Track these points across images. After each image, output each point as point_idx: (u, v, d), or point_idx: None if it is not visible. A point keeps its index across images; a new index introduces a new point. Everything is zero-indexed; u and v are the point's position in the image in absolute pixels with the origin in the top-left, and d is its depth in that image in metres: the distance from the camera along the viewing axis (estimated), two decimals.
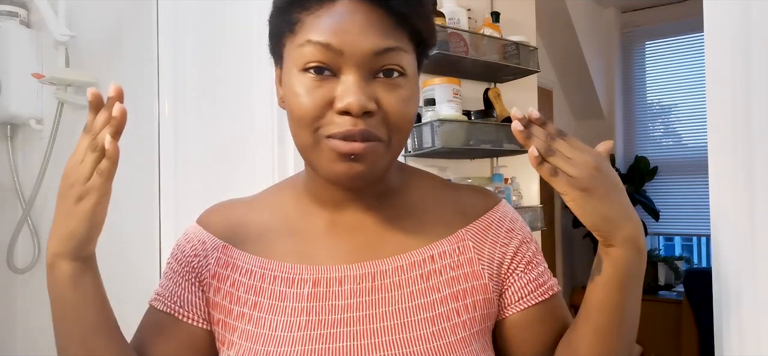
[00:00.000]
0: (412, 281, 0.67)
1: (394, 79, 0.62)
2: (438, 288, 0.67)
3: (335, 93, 0.60)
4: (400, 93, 0.62)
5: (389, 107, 0.62)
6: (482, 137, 1.64)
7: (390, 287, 0.67)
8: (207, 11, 1.60)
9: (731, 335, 0.90)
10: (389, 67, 0.62)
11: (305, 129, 0.62)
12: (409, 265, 0.68)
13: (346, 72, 0.60)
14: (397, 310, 0.66)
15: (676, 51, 4.15)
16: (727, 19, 0.89)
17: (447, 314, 0.66)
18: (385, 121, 0.62)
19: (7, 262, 2.03)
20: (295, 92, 0.62)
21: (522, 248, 0.73)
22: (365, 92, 0.60)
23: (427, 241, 0.70)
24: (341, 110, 0.60)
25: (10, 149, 2.07)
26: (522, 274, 0.72)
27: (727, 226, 0.90)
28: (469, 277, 0.69)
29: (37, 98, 2.03)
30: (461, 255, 0.70)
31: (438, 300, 0.67)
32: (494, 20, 1.80)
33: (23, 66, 1.99)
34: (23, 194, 2.04)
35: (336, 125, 0.60)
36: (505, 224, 0.74)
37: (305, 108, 0.61)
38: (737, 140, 0.89)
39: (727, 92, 0.89)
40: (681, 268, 3.89)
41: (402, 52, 0.62)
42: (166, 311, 0.73)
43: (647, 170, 3.98)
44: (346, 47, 0.60)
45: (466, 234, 0.71)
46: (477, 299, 0.69)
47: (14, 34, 2.01)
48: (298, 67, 0.62)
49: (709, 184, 0.92)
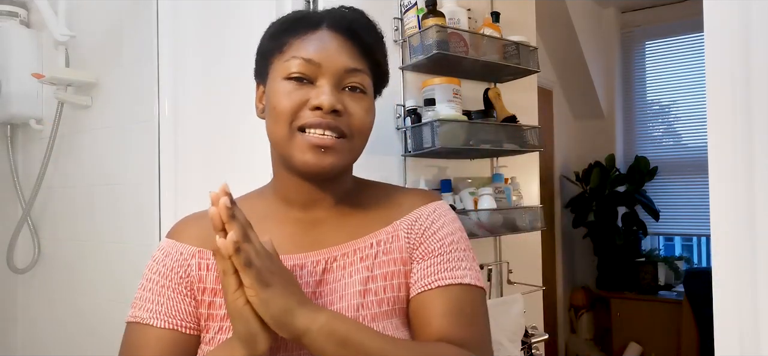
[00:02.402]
0: (353, 263, 0.81)
1: (357, 93, 0.80)
2: (372, 269, 0.81)
3: (310, 96, 0.77)
4: (362, 104, 0.80)
5: (353, 111, 0.79)
6: (482, 137, 1.64)
7: (336, 269, 0.81)
8: (207, 11, 1.60)
9: (731, 335, 0.90)
10: (354, 84, 0.79)
11: (283, 123, 0.77)
12: (352, 251, 0.82)
13: (321, 81, 0.77)
14: (339, 286, 0.80)
15: (676, 51, 4.15)
16: (727, 19, 0.89)
17: (375, 290, 0.80)
18: (349, 122, 0.78)
19: (7, 262, 2.03)
20: (278, 95, 0.78)
21: (434, 237, 0.83)
22: (335, 96, 0.77)
23: (370, 231, 0.84)
24: (314, 106, 0.76)
25: (10, 149, 2.08)
26: (422, 260, 0.82)
27: (727, 226, 0.90)
28: (398, 261, 0.82)
29: (37, 98, 2.04)
30: (394, 243, 0.83)
31: (371, 278, 0.80)
32: (494, 20, 1.80)
33: (23, 66, 1.99)
34: (23, 194, 2.04)
35: (308, 118, 0.76)
36: (430, 216, 0.85)
37: (284, 105, 0.77)
38: (737, 140, 0.89)
39: (727, 92, 0.89)
40: (681, 268, 3.90)
41: (364, 74, 0.80)
42: (167, 327, 0.78)
43: (647, 170, 3.98)
44: (323, 62, 0.77)
45: (400, 225, 0.84)
46: (401, 281, 0.81)
47: (14, 34, 2.01)
48: (283, 76, 0.78)
49: (709, 184, 0.92)
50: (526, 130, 1.77)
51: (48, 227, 2.07)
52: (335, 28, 0.80)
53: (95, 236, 1.89)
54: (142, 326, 0.79)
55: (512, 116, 1.75)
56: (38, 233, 2.06)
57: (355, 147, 0.81)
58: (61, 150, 1.98)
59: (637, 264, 3.85)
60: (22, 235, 2.05)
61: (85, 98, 1.92)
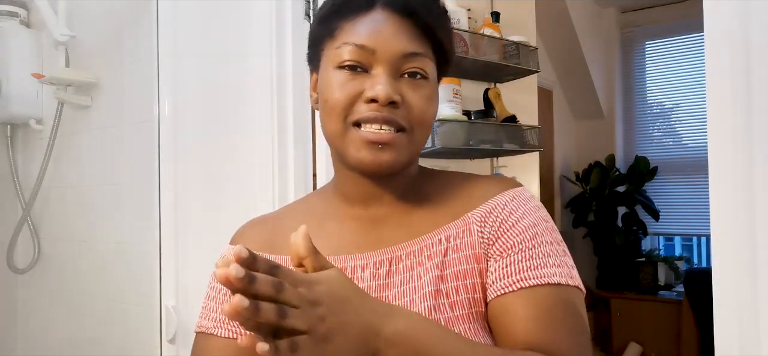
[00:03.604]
0: (421, 263, 0.73)
1: (417, 80, 0.71)
2: (442, 268, 0.71)
3: (365, 86, 0.69)
4: (423, 92, 0.71)
5: (413, 102, 0.70)
6: (482, 137, 1.64)
7: (402, 270, 0.73)
8: (207, 11, 1.60)
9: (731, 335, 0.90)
10: (414, 69, 0.70)
11: (336, 118, 0.70)
12: (419, 250, 0.74)
13: (377, 69, 0.69)
14: (406, 289, 0.72)
15: (676, 51, 4.15)
16: (727, 19, 0.89)
17: (446, 291, 0.70)
18: (408, 114, 0.70)
19: (7, 262, 2.03)
20: (330, 86, 0.70)
21: (512, 230, 0.71)
22: (392, 85, 0.69)
23: (438, 226, 0.75)
24: (370, 98, 0.68)
25: (10, 149, 2.07)
26: (499, 257, 0.70)
27: (727, 226, 0.90)
28: (470, 259, 0.72)
29: (37, 98, 2.04)
30: (465, 238, 0.73)
31: (441, 279, 0.71)
32: (494, 20, 1.80)
33: (23, 66, 1.99)
34: (23, 194, 2.04)
35: (363, 112, 0.68)
36: (508, 206, 0.73)
37: (337, 98, 0.69)
38: (737, 140, 0.89)
39: (727, 92, 0.89)
40: (681, 268, 3.89)
41: (425, 58, 0.71)
42: (231, 337, 0.75)
43: (647, 170, 3.98)
44: (378, 47, 0.69)
45: (471, 218, 0.74)
46: (476, 281, 0.71)
47: (14, 34, 2.01)
48: (335, 65, 0.70)
49: (709, 184, 0.92)
50: (526, 130, 1.77)
51: (48, 227, 2.07)
52: (391, 7, 0.71)
53: (95, 236, 1.89)
54: (206, 336, 0.77)
55: (512, 116, 1.75)
56: (38, 233, 2.06)
57: (417, 140, 0.72)
58: (61, 150, 1.98)
59: (637, 264, 3.85)
60: (22, 235, 2.05)
61: (85, 98, 1.92)
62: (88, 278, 1.90)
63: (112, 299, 1.81)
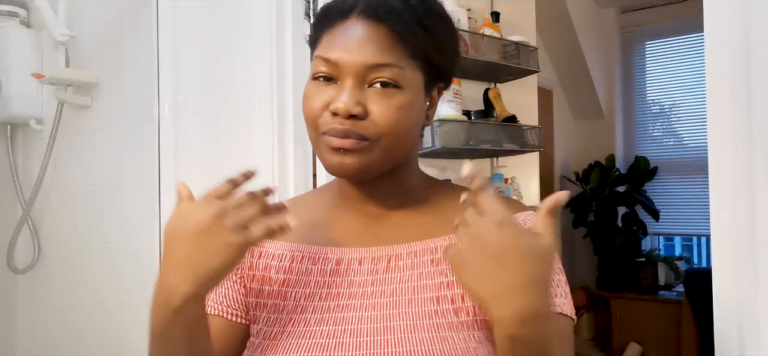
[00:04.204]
0: (422, 264, 0.73)
1: (388, 89, 0.70)
2: (446, 273, 0.72)
3: (334, 97, 0.70)
4: (392, 102, 0.69)
5: (377, 112, 0.69)
6: (482, 137, 1.64)
7: (402, 268, 0.74)
8: (207, 11, 1.60)
9: (731, 335, 0.90)
10: (383, 79, 0.69)
11: (310, 126, 0.72)
12: (421, 251, 0.75)
13: (343, 81, 0.70)
14: (406, 288, 0.72)
15: (676, 51, 4.15)
16: (727, 19, 0.89)
17: (451, 297, 0.71)
18: (373, 124, 0.69)
19: (7, 262, 2.03)
20: (305, 96, 0.73)
21: None
22: (354, 98, 0.69)
23: (441, 233, 0.75)
24: (332, 111, 0.69)
25: (10, 149, 2.07)
26: None
27: (727, 226, 0.90)
28: None
29: (37, 98, 2.03)
30: None
31: (445, 284, 0.72)
32: (494, 20, 1.80)
33: (23, 66, 1.99)
34: (23, 194, 2.04)
35: (328, 123, 0.70)
36: None
37: (309, 108, 0.72)
38: (737, 140, 0.89)
39: (727, 92, 0.89)
40: (681, 268, 3.89)
41: (395, 68, 0.69)
42: (215, 314, 0.78)
43: (647, 170, 3.98)
44: (341, 61, 0.69)
45: None
46: None
47: (14, 34, 2.00)
48: (311, 75, 0.73)
49: (709, 184, 0.92)
50: (526, 130, 1.77)
51: (48, 227, 2.07)
52: (364, 15, 0.70)
53: (95, 236, 1.89)
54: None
55: (512, 116, 1.75)
56: (38, 233, 2.06)
57: (384, 146, 0.70)
58: (61, 150, 1.98)
59: (637, 264, 3.85)
60: (22, 235, 2.05)
61: (85, 98, 1.92)
62: (88, 278, 1.90)
63: (112, 299, 1.81)
